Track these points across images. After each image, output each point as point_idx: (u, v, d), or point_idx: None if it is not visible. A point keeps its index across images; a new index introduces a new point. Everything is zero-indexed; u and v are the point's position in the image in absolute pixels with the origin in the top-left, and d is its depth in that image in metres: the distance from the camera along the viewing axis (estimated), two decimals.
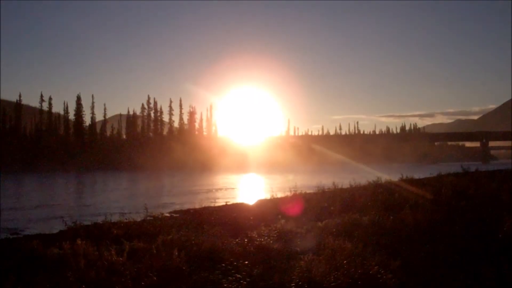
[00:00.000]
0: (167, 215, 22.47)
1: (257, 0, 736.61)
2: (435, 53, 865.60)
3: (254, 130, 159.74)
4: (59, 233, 16.58)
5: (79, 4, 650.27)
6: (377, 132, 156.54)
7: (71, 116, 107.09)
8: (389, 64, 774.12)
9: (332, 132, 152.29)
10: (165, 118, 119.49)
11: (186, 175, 73.32)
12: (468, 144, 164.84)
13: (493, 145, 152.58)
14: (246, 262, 8.49)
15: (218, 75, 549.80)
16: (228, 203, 26.90)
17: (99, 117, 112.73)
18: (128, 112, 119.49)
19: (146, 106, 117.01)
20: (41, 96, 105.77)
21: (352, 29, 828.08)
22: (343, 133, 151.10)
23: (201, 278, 7.65)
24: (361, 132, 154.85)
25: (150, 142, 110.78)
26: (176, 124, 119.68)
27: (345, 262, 7.94)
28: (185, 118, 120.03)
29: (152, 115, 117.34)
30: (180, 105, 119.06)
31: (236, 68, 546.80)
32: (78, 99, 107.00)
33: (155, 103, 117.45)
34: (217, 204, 26.91)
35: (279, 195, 25.49)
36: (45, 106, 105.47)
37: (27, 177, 69.27)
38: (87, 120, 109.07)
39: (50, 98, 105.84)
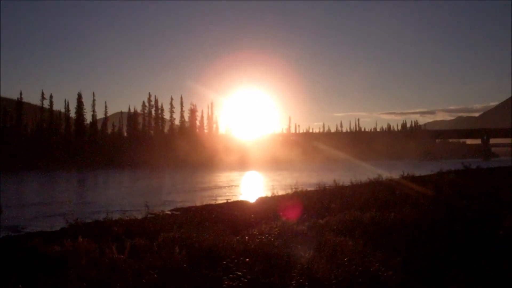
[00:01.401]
0: (168, 212, 22.54)
1: None
2: (437, 51, 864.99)
3: (255, 128, 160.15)
4: (60, 231, 16.60)
5: (79, 2, 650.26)
6: (378, 130, 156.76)
7: (72, 114, 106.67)
8: (390, 61, 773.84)
9: (333, 130, 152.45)
10: (166, 115, 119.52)
11: (187, 172, 73.34)
12: (469, 141, 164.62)
13: (494, 142, 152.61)
14: (247, 260, 8.49)
15: (219, 72, 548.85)
16: (229, 201, 26.99)
17: (100, 115, 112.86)
18: (129, 109, 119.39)
19: (147, 104, 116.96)
20: (42, 94, 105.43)
21: (353, 26, 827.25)
22: (344, 130, 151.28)
23: (202, 276, 7.65)
24: (362, 129, 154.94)
25: (151, 140, 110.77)
26: (177, 121, 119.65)
27: (346, 259, 7.96)
28: (186, 115, 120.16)
29: (153, 112, 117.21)
30: (181, 103, 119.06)
31: (237, 66, 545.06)
32: (79, 97, 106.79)
33: (156, 100, 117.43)
34: (218, 202, 26.95)
35: (280, 192, 25.57)
36: (46, 104, 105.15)
37: (28, 175, 69.29)
38: (88, 118, 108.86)
39: (51, 96, 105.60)
